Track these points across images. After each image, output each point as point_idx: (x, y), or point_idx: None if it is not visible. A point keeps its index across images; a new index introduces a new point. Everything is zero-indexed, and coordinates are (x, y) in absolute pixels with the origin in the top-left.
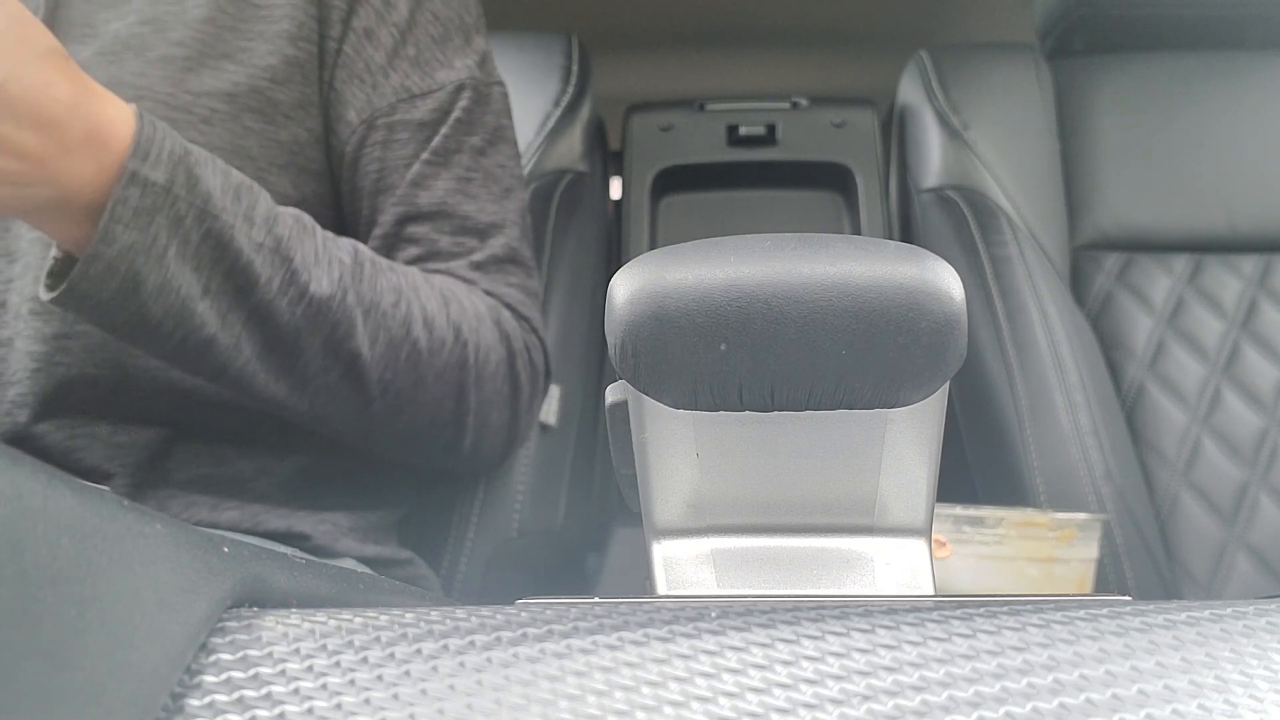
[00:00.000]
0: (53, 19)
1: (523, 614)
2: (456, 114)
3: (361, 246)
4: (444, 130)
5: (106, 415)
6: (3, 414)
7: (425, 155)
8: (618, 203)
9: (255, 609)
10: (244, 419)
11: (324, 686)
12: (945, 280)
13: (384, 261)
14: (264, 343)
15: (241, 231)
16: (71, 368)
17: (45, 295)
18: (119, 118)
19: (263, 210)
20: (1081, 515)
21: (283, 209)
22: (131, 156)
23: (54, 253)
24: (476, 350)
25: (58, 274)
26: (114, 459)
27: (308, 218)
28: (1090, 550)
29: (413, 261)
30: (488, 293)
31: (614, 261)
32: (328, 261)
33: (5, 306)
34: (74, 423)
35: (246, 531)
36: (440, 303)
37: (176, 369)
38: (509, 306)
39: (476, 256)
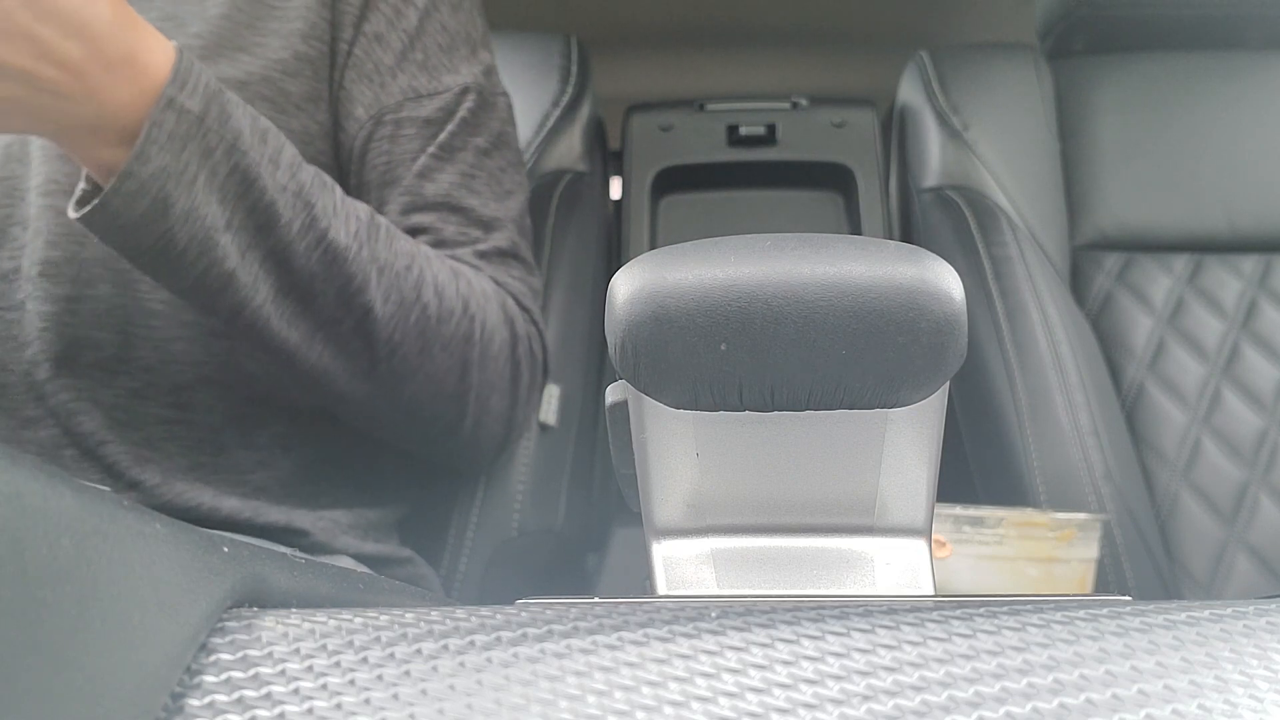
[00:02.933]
0: None
1: (523, 614)
2: (462, 114)
3: (376, 212)
4: (450, 128)
5: (110, 385)
6: (22, 373)
7: (431, 149)
8: (618, 202)
9: (255, 609)
10: (248, 407)
11: (324, 686)
12: (945, 280)
13: (397, 229)
14: (280, 284)
15: (267, 171)
16: (79, 329)
17: (73, 214)
18: (158, 46)
19: (288, 156)
20: (1081, 515)
21: (306, 162)
22: (170, 83)
23: (81, 184)
24: (483, 326)
25: (85, 201)
26: (113, 429)
27: (327, 176)
28: (1090, 550)
29: None
30: (492, 279)
31: (614, 261)
32: (345, 215)
33: (19, 271)
34: (80, 385)
35: (247, 521)
36: (451, 275)
37: (195, 308)
38: (512, 295)
39: (482, 246)
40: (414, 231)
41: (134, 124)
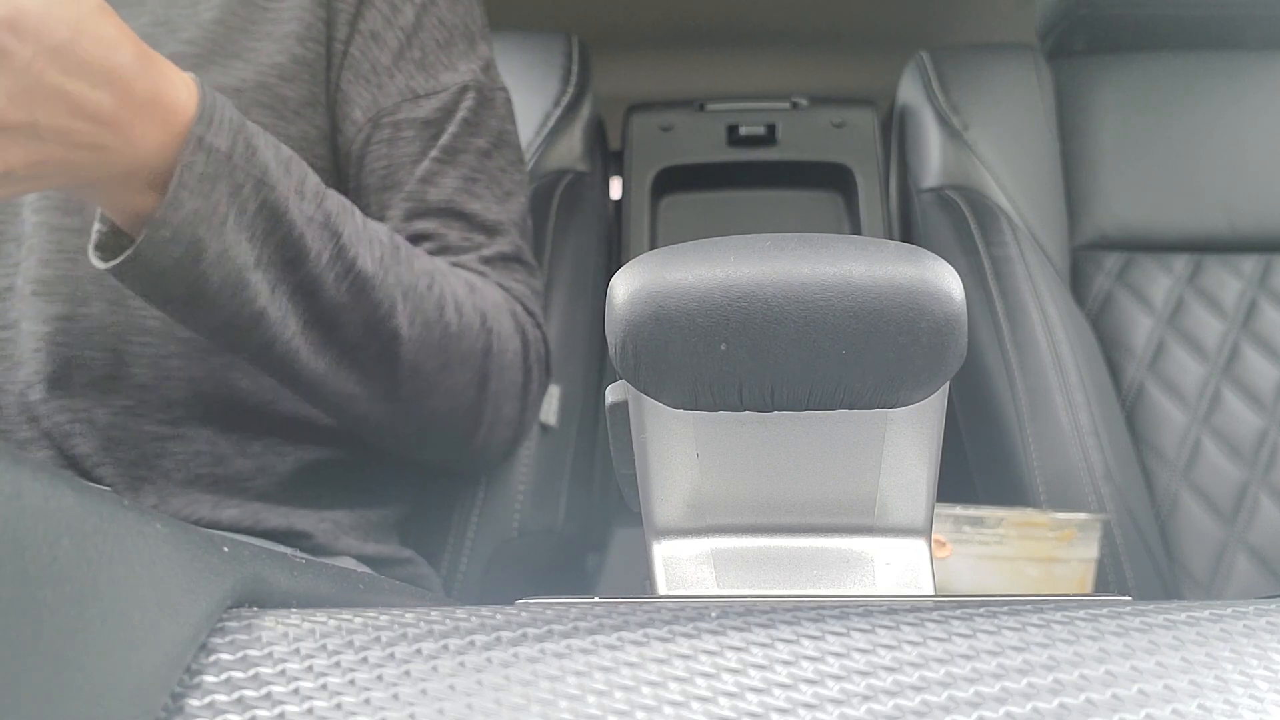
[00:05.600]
0: None
1: (523, 614)
2: (462, 114)
3: (393, 231)
4: (451, 130)
5: (104, 404)
6: (17, 394)
7: (434, 153)
8: (618, 202)
9: (255, 609)
10: (241, 418)
11: (324, 686)
12: (945, 280)
13: (414, 247)
14: (308, 317)
15: (294, 204)
16: (71, 349)
17: (100, 265)
18: (180, 82)
19: (312, 185)
20: (1081, 515)
21: (327, 188)
22: (198, 121)
23: (98, 226)
24: (499, 338)
25: (105, 247)
26: (109, 450)
27: (345, 199)
28: (1090, 550)
29: None
30: (499, 285)
31: (614, 261)
32: (369, 240)
33: (12, 290)
34: (74, 406)
35: (248, 530)
36: (467, 288)
37: (222, 346)
38: (518, 300)
39: (486, 252)
40: (417, 238)
41: (164, 167)
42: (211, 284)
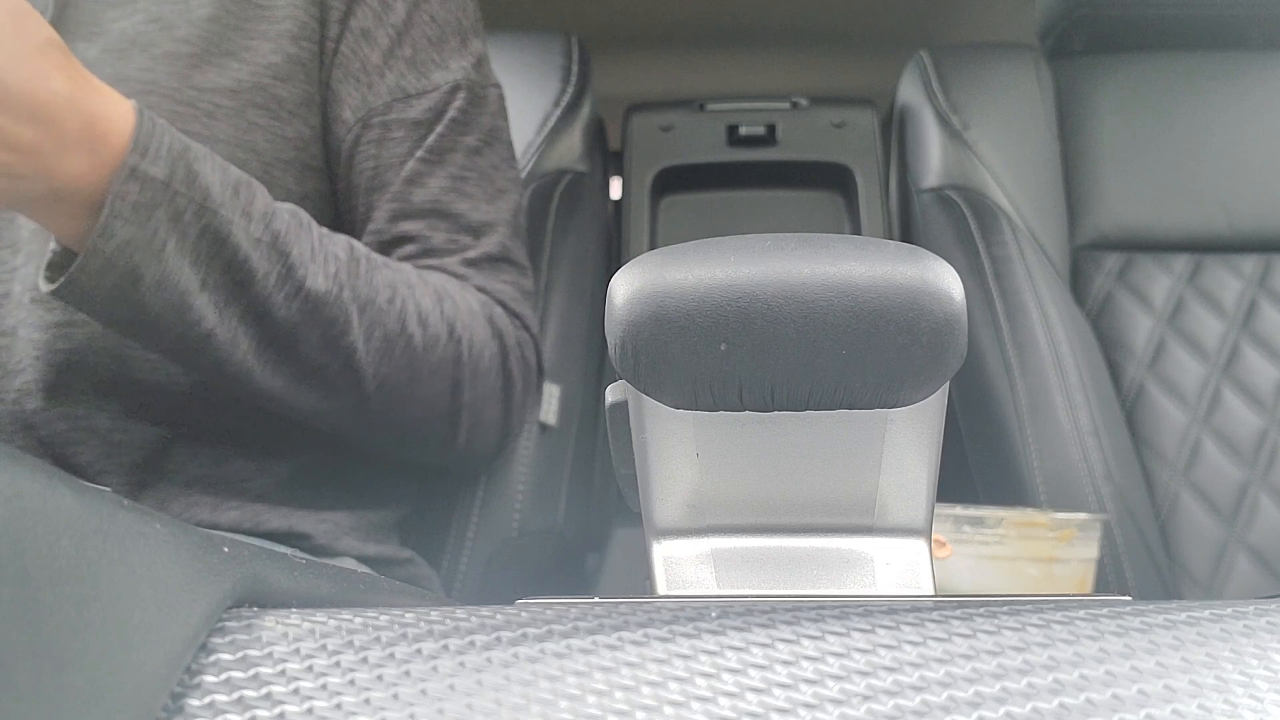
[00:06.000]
0: (60, 17)
1: (523, 614)
2: (451, 114)
3: (357, 243)
4: (439, 130)
5: (106, 409)
6: (10, 402)
7: (420, 154)
8: (618, 203)
9: (255, 609)
10: (242, 419)
11: (324, 686)
12: (945, 280)
13: (379, 258)
14: (260, 337)
15: (239, 226)
16: (72, 355)
17: (45, 287)
18: (117, 112)
19: (260, 205)
20: (1081, 515)
21: (280, 205)
22: (131, 152)
23: (52, 245)
24: (470, 346)
25: (57, 266)
26: (110, 456)
27: (304, 214)
28: (1090, 550)
29: (407, 258)
30: (480, 289)
31: (614, 261)
32: (324, 257)
33: (9, 296)
34: (75, 413)
35: (248, 531)
36: (434, 299)
37: (176, 364)
38: (501, 303)
39: (471, 254)
40: (402, 239)
41: (96, 193)
42: (152, 308)
